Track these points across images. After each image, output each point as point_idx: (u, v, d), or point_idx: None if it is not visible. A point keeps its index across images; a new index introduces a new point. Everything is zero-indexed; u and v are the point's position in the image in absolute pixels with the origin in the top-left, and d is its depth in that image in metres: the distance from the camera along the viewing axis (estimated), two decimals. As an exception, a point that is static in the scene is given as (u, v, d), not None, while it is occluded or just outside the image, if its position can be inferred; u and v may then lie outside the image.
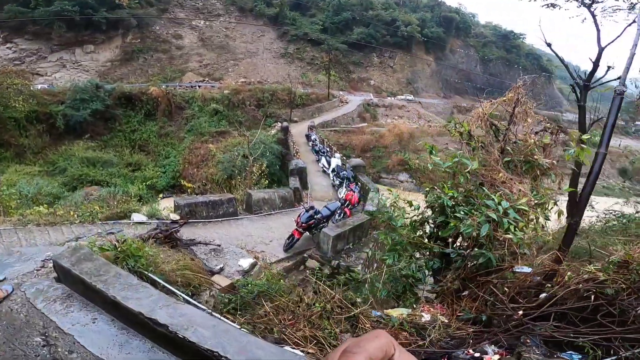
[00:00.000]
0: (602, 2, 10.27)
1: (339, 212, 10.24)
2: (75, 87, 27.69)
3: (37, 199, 12.27)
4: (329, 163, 16.42)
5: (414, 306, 3.50)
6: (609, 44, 9.94)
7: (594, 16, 10.47)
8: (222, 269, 5.65)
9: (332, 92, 41.03)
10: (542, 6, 10.87)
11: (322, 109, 36.93)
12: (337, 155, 16.61)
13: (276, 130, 30.13)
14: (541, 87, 68.76)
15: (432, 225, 4.12)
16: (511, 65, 63.49)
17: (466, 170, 3.79)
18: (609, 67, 9.74)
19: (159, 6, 49.03)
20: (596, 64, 9.93)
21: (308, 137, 24.17)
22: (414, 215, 4.21)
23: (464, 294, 3.28)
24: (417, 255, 4.20)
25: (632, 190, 27.98)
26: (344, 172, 14.12)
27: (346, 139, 30.02)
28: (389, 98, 47.34)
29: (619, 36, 9.91)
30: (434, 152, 4.27)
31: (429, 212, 4.11)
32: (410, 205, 4.44)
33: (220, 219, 10.38)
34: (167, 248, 5.68)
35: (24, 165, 22.49)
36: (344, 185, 13.45)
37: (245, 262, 6.12)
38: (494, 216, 3.09)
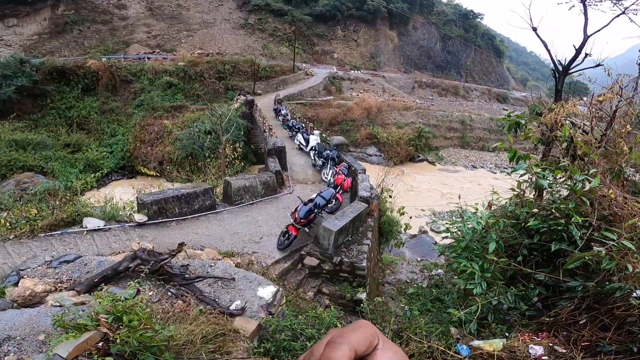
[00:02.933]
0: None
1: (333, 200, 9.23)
2: (-4, 63, 23.18)
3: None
4: (306, 141, 15.07)
5: (506, 334, 2.63)
6: (595, 32, 9.87)
7: (585, 5, 10.44)
8: (244, 309, 4.12)
9: (297, 65, 39.00)
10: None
11: (286, 82, 35.01)
12: (316, 132, 15.30)
13: (239, 104, 27.94)
14: (492, 66, 71.92)
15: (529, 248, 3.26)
16: (468, 45, 64.94)
17: (583, 189, 2.86)
18: (586, 54, 9.68)
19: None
20: (579, 51, 9.88)
21: (277, 111, 22.50)
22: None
23: (581, 321, 2.47)
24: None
25: None
26: (327, 151, 12.93)
27: (313, 112, 28.69)
28: (353, 71, 46.23)
29: (606, 26, 9.91)
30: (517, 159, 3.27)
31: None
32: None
33: (196, 215, 8.95)
34: (154, 286, 4.25)
35: None
36: (328, 166, 12.29)
37: (266, 292, 4.62)
38: (630, 246, 2.39)
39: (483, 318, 2.91)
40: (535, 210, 3.15)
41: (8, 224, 6.68)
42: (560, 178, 3.42)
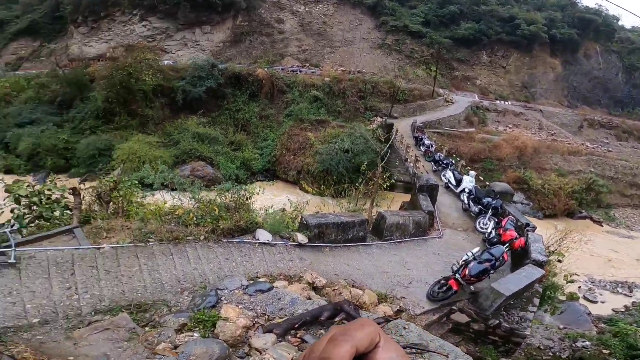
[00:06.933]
0: None
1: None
2: (194, 65, 29.31)
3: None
4: (457, 180, 13.92)
5: None
6: None
7: None
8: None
9: (436, 90, 37.35)
10: None
11: (424, 107, 33.81)
12: (472, 173, 13.96)
13: (376, 125, 28.26)
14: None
15: None
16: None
17: None
18: None
19: (264, -10, 50.46)
20: None
21: (418, 139, 21.69)
22: None
23: None
24: None
25: None
26: (488, 199, 11.49)
27: (452, 144, 26.69)
28: (499, 101, 41.64)
29: None
30: None
31: None
32: None
33: (348, 245, 8.95)
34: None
35: (145, 135, 24.46)
36: (487, 216, 10.90)
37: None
38: None
39: None
40: None
41: (195, 219, 7.06)
42: None
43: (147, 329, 3.92)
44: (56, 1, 42.59)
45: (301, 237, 8.46)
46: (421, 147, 20.38)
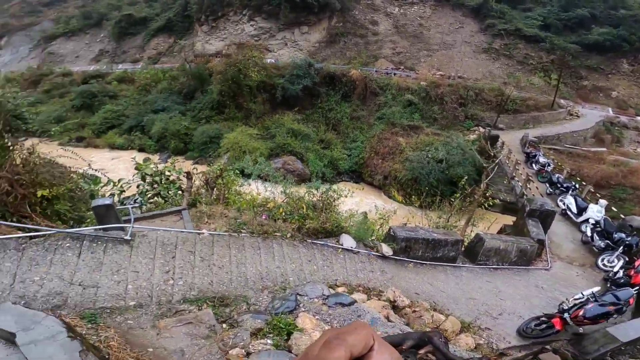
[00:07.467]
0: None
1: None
2: (293, 64, 30.99)
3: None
4: (580, 208, 11.58)
5: None
6: None
7: None
8: None
9: (558, 101, 32.03)
10: None
11: (539, 119, 29.35)
12: (603, 202, 11.51)
13: (477, 136, 25.64)
14: None
15: None
16: None
17: None
18: None
19: (358, -8, 50.43)
20: None
21: (530, 155, 18.83)
22: None
23: None
24: None
25: None
26: (622, 234, 9.43)
27: (573, 164, 22.44)
28: (641, 118, 33.70)
29: None
30: None
31: None
32: None
33: (435, 263, 8.19)
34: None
35: (247, 127, 26.82)
36: (616, 253, 9.20)
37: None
38: None
39: None
40: None
41: (283, 214, 7.15)
42: None
43: (224, 326, 3.93)
44: (186, 1, 49.17)
45: (386, 249, 8.06)
46: (533, 164, 17.66)
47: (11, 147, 5.80)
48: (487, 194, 11.72)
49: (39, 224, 4.86)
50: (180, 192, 7.25)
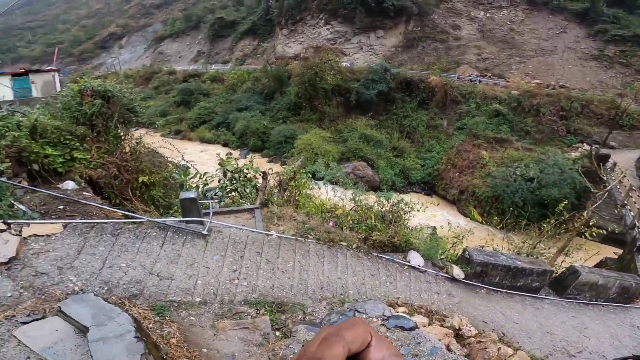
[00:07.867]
0: None
1: None
2: (369, 68, 30.61)
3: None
4: None
5: None
6: None
7: None
8: None
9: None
10: None
11: (665, 139, 24.12)
12: None
13: (580, 154, 22.18)
14: None
15: None
16: None
17: None
18: None
19: (438, -5, 47.52)
20: None
21: (651, 183, 15.59)
22: None
23: None
24: None
25: None
26: None
27: None
28: None
29: None
30: None
31: None
32: None
33: (512, 292, 7.31)
34: None
35: (320, 130, 27.33)
36: None
37: None
38: None
39: None
40: None
41: (351, 222, 7.02)
42: None
43: (277, 334, 3.88)
44: (267, 5, 52.11)
45: (457, 271, 7.47)
46: (654, 193, 14.51)
47: (123, 137, 6.71)
48: (591, 223, 9.92)
49: (137, 208, 5.48)
50: (255, 190, 7.60)
